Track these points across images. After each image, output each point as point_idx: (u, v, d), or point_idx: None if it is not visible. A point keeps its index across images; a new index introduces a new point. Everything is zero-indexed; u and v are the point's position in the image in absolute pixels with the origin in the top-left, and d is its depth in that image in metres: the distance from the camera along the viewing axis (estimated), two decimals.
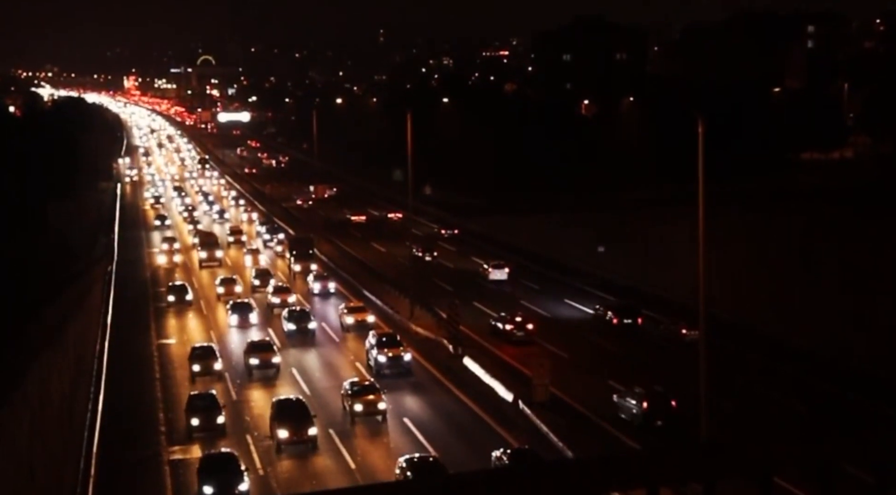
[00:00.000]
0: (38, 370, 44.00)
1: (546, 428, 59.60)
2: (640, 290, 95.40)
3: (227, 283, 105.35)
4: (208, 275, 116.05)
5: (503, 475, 2.84)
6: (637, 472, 3.18)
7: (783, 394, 65.97)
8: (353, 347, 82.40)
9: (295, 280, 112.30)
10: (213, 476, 51.79)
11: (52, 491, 44.69)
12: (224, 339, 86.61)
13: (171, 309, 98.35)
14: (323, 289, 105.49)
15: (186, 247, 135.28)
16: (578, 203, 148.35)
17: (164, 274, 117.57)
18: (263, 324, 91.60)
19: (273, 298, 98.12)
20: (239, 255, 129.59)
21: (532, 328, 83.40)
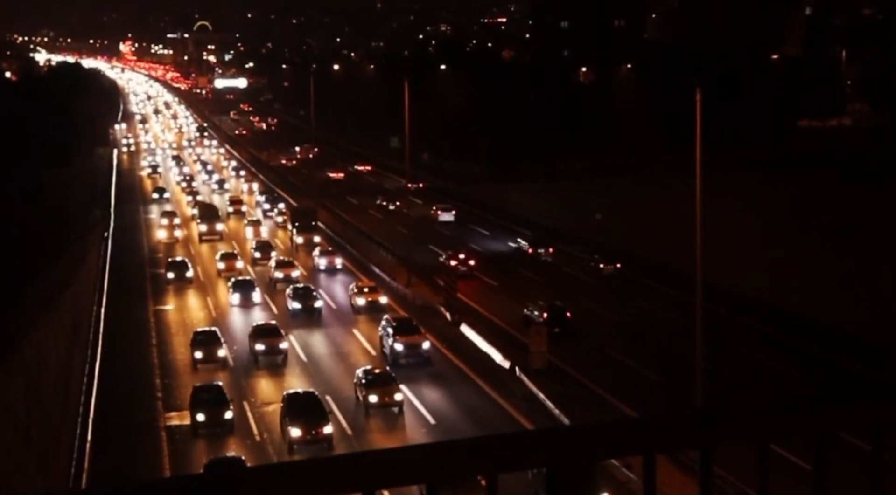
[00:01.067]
0: (35, 335, 43.95)
1: (543, 395, 59.65)
2: (639, 257, 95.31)
3: (228, 259, 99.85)
4: (209, 250, 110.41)
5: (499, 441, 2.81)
6: (633, 439, 3.11)
7: (780, 361, 66.01)
8: (366, 331, 76.42)
9: (297, 252, 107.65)
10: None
11: (49, 457, 44.70)
12: (226, 321, 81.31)
13: (170, 286, 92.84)
14: (329, 265, 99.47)
15: (185, 219, 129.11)
16: (576, 170, 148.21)
17: (165, 249, 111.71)
18: (267, 303, 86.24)
19: (276, 273, 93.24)
20: (239, 227, 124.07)
21: (474, 264, 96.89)
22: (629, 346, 70.12)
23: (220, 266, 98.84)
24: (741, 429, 3.45)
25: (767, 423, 3.46)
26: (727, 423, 3.44)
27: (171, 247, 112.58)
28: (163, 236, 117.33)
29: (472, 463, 3.23)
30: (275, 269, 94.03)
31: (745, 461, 5.59)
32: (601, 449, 3.33)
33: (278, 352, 69.62)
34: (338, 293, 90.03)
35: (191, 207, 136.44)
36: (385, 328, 70.50)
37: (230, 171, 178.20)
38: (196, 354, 69.35)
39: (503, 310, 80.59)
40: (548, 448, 3.27)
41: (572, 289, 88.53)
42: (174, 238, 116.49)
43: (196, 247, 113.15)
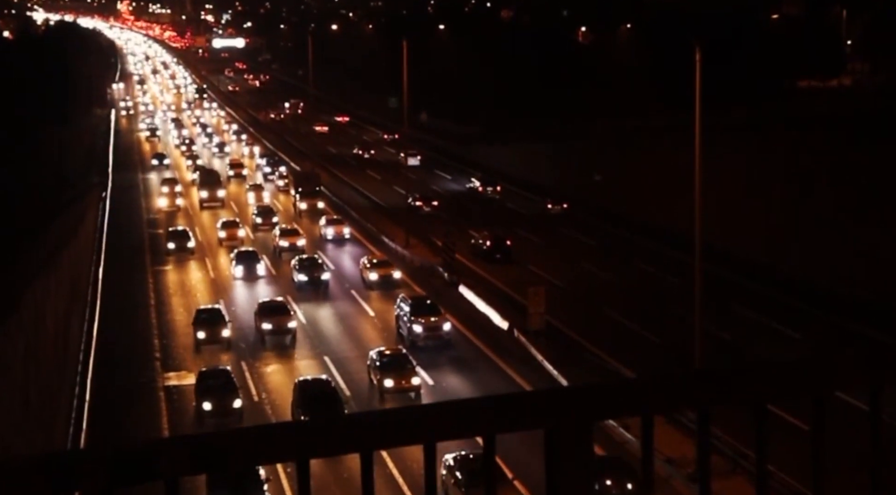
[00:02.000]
0: (33, 295, 43.98)
1: (541, 357, 59.77)
2: (637, 218, 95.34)
3: (229, 227, 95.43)
4: (210, 218, 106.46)
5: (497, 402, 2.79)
6: (631, 400, 3.10)
7: (777, 322, 66.10)
8: (379, 309, 72.62)
9: (301, 218, 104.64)
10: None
11: (47, 416, 44.80)
12: (229, 295, 77.71)
13: (170, 257, 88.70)
14: (337, 234, 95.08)
15: (186, 184, 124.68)
16: (575, 131, 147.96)
17: (165, 218, 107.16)
18: (272, 276, 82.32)
19: (281, 242, 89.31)
20: (240, 192, 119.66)
21: (437, 204, 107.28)
22: (628, 308, 70.22)
23: (220, 234, 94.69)
24: (738, 390, 3.45)
25: (765, 384, 3.46)
26: (724, 384, 3.44)
27: (172, 216, 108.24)
28: (163, 204, 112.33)
29: (469, 424, 3.22)
30: (279, 238, 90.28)
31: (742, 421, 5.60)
32: (599, 410, 3.33)
33: (286, 331, 65.52)
34: (347, 265, 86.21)
35: (191, 172, 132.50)
36: (402, 307, 66.25)
37: (231, 135, 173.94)
38: (199, 334, 64.49)
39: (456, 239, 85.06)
40: (545, 409, 3.26)
41: (516, 221, 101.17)
42: (175, 206, 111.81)
43: (197, 216, 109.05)
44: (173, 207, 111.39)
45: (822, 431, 3.54)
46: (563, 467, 3.29)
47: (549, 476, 3.32)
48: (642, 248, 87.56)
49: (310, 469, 3.13)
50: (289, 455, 3.07)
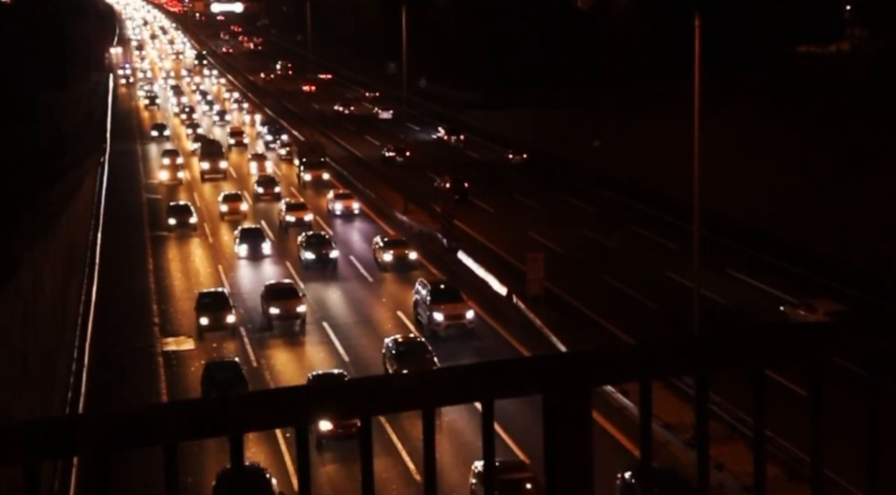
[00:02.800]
0: (31, 260, 43.99)
1: (539, 322, 59.84)
2: (636, 184, 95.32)
3: (231, 200, 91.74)
4: (212, 190, 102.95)
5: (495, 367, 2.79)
6: (629, 366, 3.11)
7: (776, 288, 66.14)
8: (393, 292, 68.99)
9: (305, 189, 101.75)
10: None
11: (45, 382, 44.87)
12: (233, 275, 73.74)
13: (172, 234, 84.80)
14: (346, 209, 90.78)
15: (186, 154, 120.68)
16: (573, 97, 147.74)
17: (166, 192, 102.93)
18: (278, 254, 78.40)
19: (288, 217, 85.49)
20: (242, 161, 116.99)
21: (410, 154, 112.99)
22: (626, 273, 70.25)
23: (222, 208, 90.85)
24: (737, 356, 3.45)
25: (763, 350, 3.46)
26: (723, 350, 3.44)
27: (174, 190, 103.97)
28: (165, 177, 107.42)
29: (468, 390, 3.23)
30: (285, 213, 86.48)
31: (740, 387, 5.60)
32: (597, 375, 3.33)
33: (296, 316, 61.63)
34: (357, 243, 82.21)
35: (191, 141, 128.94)
36: (420, 292, 62.32)
37: (231, 103, 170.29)
38: (202, 320, 60.59)
39: (417, 182, 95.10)
40: (544, 374, 3.26)
41: (474, 167, 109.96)
42: (177, 179, 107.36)
43: (199, 188, 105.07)
44: (175, 181, 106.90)
45: (820, 397, 3.54)
46: (561, 433, 3.30)
47: (547, 442, 3.33)
48: (641, 214, 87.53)
49: (309, 434, 3.14)
50: (288, 420, 3.08)
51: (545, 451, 3.34)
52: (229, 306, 61.75)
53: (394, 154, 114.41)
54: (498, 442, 41.37)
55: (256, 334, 61.39)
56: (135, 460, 21.55)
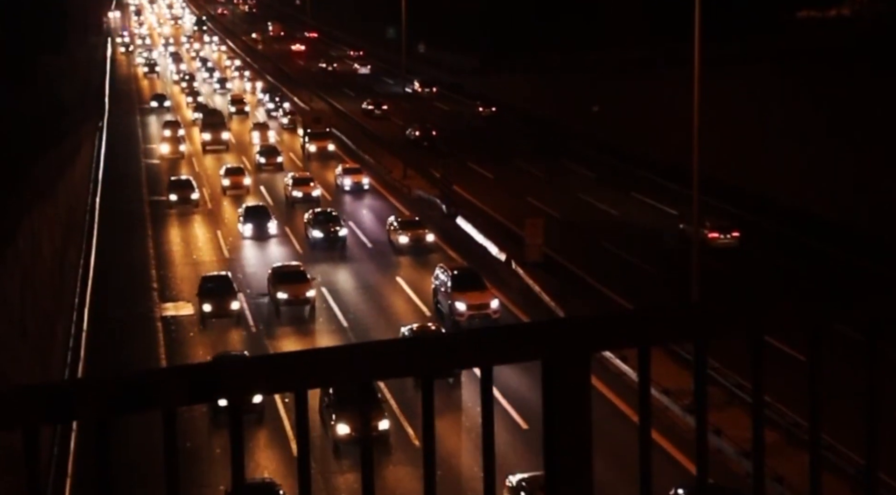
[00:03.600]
0: (30, 225, 43.99)
1: (538, 288, 59.88)
2: (635, 149, 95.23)
3: (234, 174, 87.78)
4: (214, 163, 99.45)
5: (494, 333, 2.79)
6: (628, 332, 3.11)
7: (775, 253, 66.18)
8: (410, 277, 64.86)
9: (310, 161, 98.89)
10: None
11: (44, 347, 44.93)
12: (238, 257, 70.25)
13: (173, 211, 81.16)
14: (355, 184, 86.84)
15: (187, 124, 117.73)
16: (572, 62, 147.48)
17: (168, 166, 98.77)
18: (284, 232, 74.65)
19: (294, 192, 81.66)
20: (243, 130, 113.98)
21: (386, 108, 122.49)
22: (626, 239, 70.27)
23: (224, 182, 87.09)
24: (736, 322, 3.45)
25: (762, 316, 3.46)
26: (722, 316, 3.44)
27: (176, 164, 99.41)
28: (166, 151, 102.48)
29: (467, 356, 3.23)
30: (292, 188, 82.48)
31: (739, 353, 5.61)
32: (596, 341, 3.33)
33: (304, 301, 58.00)
34: (368, 222, 78.21)
35: (192, 111, 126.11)
36: (440, 279, 58.27)
37: (232, 71, 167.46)
38: (204, 307, 56.70)
39: (385, 129, 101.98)
40: (543, 340, 3.27)
41: (445, 118, 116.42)
42: (179, 153, 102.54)
43: (200, 160, 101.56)
44: (176, 154, 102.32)
45: (819, 363, 3.54)
46: (560, 399, 3.30)
47: (546, 407, 3.33)
48: (640, 179, 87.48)
49: (308, 399, 3.14)
50: (288, 385, 3.08)
51: (544, 417, 3.34)
52: (234, 291, 58.10)
53: (372, 107, 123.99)
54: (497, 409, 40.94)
55: (264, 320, 57.78)
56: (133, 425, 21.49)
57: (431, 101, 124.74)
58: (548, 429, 3.33)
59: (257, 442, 43.59)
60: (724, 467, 38.72)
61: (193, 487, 39.93)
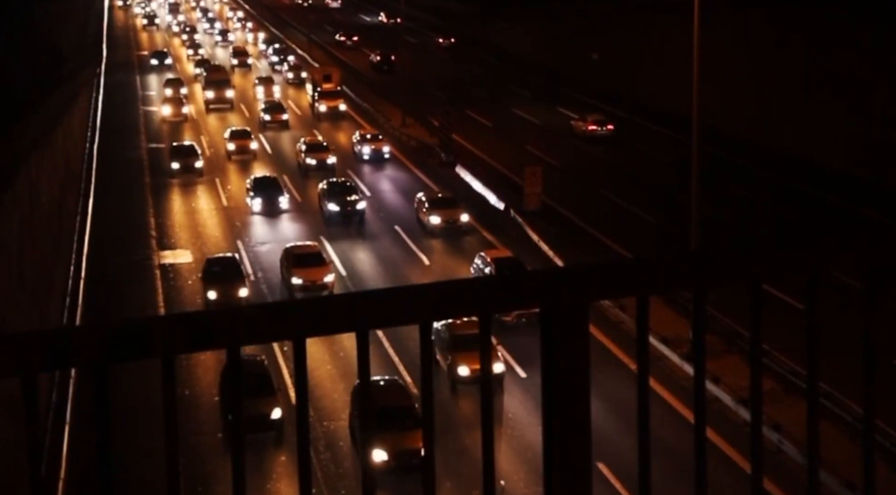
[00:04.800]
0: (27, 171, 43.93)
1: (536, 237, 59.89)
2: (634, 98, 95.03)
3: (239, 137, 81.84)
4: (217, 123, 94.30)
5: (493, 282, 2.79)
6: (626, 280, 3.11)
7: (773, 202, 66.13)
8: (442, 263, 58.38)
9: (320, 122, 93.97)
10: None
11: (42, 294, 44.97)
12: (246, 233, 64.30)
13: (175, 180, 75.42)
14: (375, 152, 79.78)
15: (188, 79, 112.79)
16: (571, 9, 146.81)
17: (170, 129, 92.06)
18: (297, 204, 69.04)
19: (308, 159, 75.63)
20: (247, 84, 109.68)
21: (357, 39, 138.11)
22: (624, 188, 70.22)
23: (229, 147, 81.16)
24: (735, 270, 3.45)
25: (761, 264, 3.46)
26: (720, 264, 3.44)
27: (178, 128, 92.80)
28: (167, 112, 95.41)
29: (466, 303, 3.23)
30: (305, 154, 76.32)
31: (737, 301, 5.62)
32: (594, 289, 3.33)
33: (322, 287, 52.62)
34: (393, 197, 71.21)
35: (194, 65, 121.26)
36: (481, 269, 52.42)
37: (235, 22, 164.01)
38: (209, 294, 51.82)
39: (358, 59, 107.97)
40: (541, 288, 3.27)
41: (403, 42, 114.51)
42: (181, 115, 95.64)
43: (204, 120, 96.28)
44: (179, 116, 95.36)
45: (818, 311, 3.55)
46: (558, 346, 3.30)
47: (544, 355, 3.34)
48: (639, 127, 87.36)
49: (306, 347, 3.14)
50: (286, 333, 3.08)
51: (542, 365, 3.35)
52: (242, 276, 53.00)
53: (344, 38, 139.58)
54: (494, 355, 40.22)
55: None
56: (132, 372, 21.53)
57: (399, 34, 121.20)
58: (546, 377, 3.33)
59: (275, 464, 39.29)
60: (722, 415, 38.86)
61: (192, 434, 40.09)
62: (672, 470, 30.79)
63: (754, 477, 3.51)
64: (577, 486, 3.35)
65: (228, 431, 34.95)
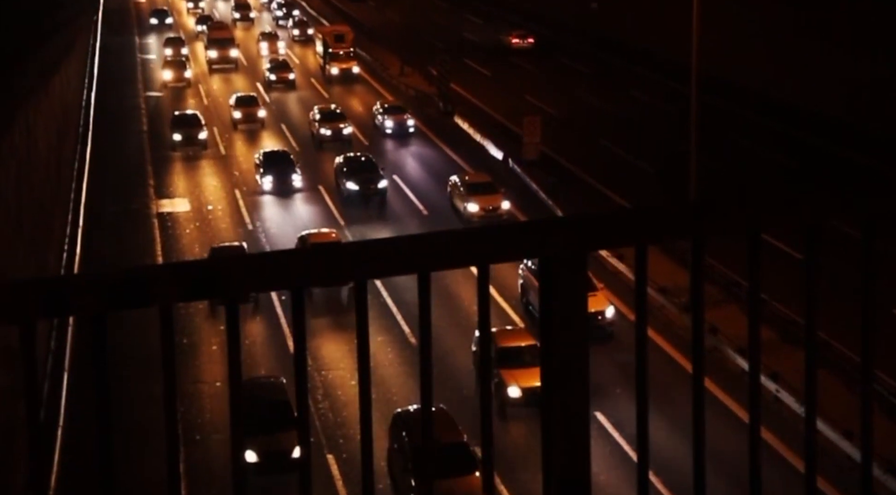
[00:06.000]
0: (24, 118, 43.81)
1: (535, 186, 59.86)
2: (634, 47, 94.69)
3: (246, 105, 76.32)
4: (222, 85, 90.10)
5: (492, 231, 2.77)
6: (625, 230, 3.11)
7: (773, 151, 66.02)
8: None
9: (332, 86, 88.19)
10: None
11: (40, 242, 44.95)
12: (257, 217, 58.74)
13: (176, 154, 69.72)
14: (398, 126, 72.84)
15: (190, 35, 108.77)
16: None
17: (170, 96, 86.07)
18: (311, 182, 62.92)
19: (322, 130, 70.03)
20: (250, 40, 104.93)
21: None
22: (623, 137, 70.08)
23: (235, 115, 75.70)
24: (733, 220, 3.44)
25: (759, 214, 3.45)
26: (719, 214, 3.43)
27: (181, 94, 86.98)
28: (168, 77, 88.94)
29: (464, 253, 3.23)
30: (319, 124, 70.55)
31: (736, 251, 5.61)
32: (593, 239, 3.33)
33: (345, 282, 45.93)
34: (417, 177, 65.10)
35: (195, 22, 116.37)
36: (532, 273, 44.09)
37: None
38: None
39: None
40: (539, 238, 3.26)
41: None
42: (184, 80, 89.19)
43: (206, 82, 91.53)
44: (181, 81, 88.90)
45: (816, 261, 3.54)
46: (556, 296, 3.30)
47: (542, 305, 3.34)
48: (638, 77, 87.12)
49: (304, 298, 3.14)
50: (284, 283, 3.08)
51: (540, 314, 3.35)
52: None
53: None
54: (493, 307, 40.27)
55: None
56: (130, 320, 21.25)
57: None
58: (544, 326, 3.33)
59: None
60: (721, 365, 38.98)
61: (190, 382, 40.24)
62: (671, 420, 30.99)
63: (752, 426, 3.52)
64: (575, 429, 3.36)
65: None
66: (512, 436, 36.67)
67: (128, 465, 29.68)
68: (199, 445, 36.40)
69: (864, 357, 3.63)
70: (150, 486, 23.06)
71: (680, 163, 53.53)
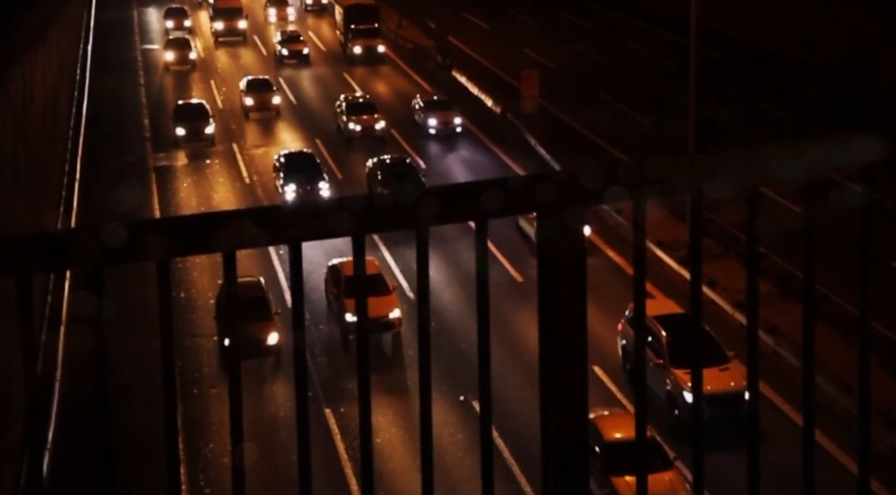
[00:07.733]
0: (20, 70, 43.70)
1: (533, 141, 59.81)
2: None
3: (258, 90, 67.32)
4: (230, 64, 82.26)
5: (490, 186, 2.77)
6: (624, 180, 3.11)
7: (773, 104, 65.88)
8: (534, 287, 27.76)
9: (354, 66, 79.44)
10: None
11: (37, 195, 44.95)
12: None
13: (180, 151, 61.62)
14: (443, 126, 62.53)
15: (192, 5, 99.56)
16: None
17: (174, 80, 77.91)
18: (339, 185, 54.61)
19: (351, 124, 60.99)
20: (256, 6, 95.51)
21: None
22: (622, 91, 69.91)
23: (247, 102, 66.93)
24: (732, 173, 3.44)
25: (757, 167, 3.45)
26: (717, 166, 3.42)
27: (184, 78, 78.25)
28: (171, 58, 79.60)
29: (462, 208, 3.21)
30: (347, 117, 61.67)
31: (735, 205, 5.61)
32: (591, 193, 3.32)
33: (387, 325, 39.00)
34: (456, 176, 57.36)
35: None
36: (631, 331, 35.46)
37: None
38: (225, 340, 32.09)
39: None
40: (537, 192, 3.25)
41: None
42: (188, 62, 79.89)
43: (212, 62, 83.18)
44: (184, 64, 79.78)
45: (815, 214, 3.53)
46: (554, 250, 3.30)
47: (540, 260, 3.33)
48: (637, 30, 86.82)
49: (302, 251, 3.13)
50: (281, 237, 3.07)
51: (538, 268, 3.34)
52: (270, 311, 39.36)
53: None
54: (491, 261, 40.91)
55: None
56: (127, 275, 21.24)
57: None
58: (543, 282, 3.33)
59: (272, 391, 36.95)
60: (719, 318, 39.04)
61: (187, 337, 40.30)
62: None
63: (750, 379, 3.52)
64: (573, 376, 3.36)
65: (225, 354, 34.28)
66: None
67: (126, 419, 29.77)
68: (196, 399, 36.58)
69: (861, 309, 3.63)
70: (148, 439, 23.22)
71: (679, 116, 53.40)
